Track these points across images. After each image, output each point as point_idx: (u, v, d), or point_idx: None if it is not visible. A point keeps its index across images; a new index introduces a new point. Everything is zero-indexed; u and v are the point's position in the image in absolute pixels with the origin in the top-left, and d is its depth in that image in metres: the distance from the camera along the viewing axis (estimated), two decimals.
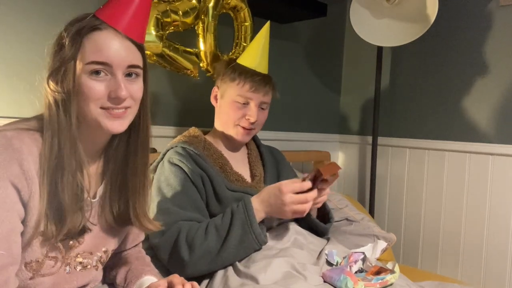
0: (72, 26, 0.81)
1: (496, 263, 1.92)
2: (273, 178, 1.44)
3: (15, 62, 1.35)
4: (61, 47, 0.80)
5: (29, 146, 0.77)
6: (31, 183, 0.77)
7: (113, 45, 0.81)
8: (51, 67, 0.81)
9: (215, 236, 1.16)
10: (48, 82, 0.80)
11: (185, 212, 1.21)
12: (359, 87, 2.43)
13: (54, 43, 0.82)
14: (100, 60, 0.80)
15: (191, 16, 1.48)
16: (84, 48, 0.79)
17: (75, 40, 0.79)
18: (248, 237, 1.15)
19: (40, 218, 0.78)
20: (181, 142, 1.34)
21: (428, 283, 1.32)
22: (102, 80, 0.81)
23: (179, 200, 1.22)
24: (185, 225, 1.18)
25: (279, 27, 2.11)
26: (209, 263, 1.16)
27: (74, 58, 0.79)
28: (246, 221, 1.16)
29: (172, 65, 1.52)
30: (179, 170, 1.26)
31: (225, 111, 1.36)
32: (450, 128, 2.07)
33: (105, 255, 0.95)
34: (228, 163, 1.36)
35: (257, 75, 1.33)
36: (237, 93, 1.32)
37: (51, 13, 1.40)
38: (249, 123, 1.34)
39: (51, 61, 0.81)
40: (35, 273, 0.82)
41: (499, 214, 1.91)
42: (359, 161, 2.44)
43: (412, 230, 2.20)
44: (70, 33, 0.80)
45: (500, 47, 1.92)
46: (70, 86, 0.79)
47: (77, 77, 0.79)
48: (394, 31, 1.85)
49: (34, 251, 0.81)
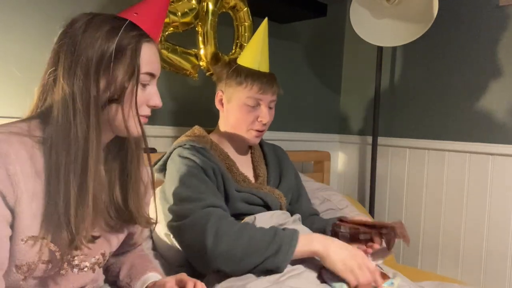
0: (115, 33, 0.81)
1: (496, 263, 1.92)
2: (276, 178, 1.44)
3: (15, 62, 1.35)
4: (109, 55, 0.80)
5: (17, 150, 0.76)
6: (17, 188, 0.75)
7: (158, 58, 0.87)
8: (92, 69, 0.79)
9: (245, 244, 1.10)
10: (89, 83, 0.79)
11: (208, 197, 1.18)
12: (359, 87, 2.43)
13: (88, 47, 0.79)
14: (152, 72, 0.85)
15: (190, 17, 1.48)
16: (140, 58, 0.83)
17: (133, 49, 0.82)
18: (275, 261, 1.08)
19: (33, 223, 0.77)
20: (188, 140, 1.32)
21: (428, 283, 1.32)
22: (145, 89, 0.86)
23: (198, 187, 1.19)
24: (216, 212, 1.14)
25: (279, 27, 2.11)
26: (226, 265, 1.10)
27: (134, 68, 0.81)
28: (287, 251, 1.08)
29: (171, 66, 1.52)
30: (191, 162, 1.24)
31: (234, 115, 1.34)
32: (450, 128, 2.07)
33: (102, 258, 0.94)
34: (235, 164, 1.35)
35: (263, 75, 1.32)
36: (246, 96, 1.31)
37: (51, 13, 1.40)
38: (262, 125, 1.34)
39: (93, 65, 0.79)
40: (27, 275, 0.81)
41: (499, 214, 1.91)
42: (359, 161, 2.44)
43: (412, 230, 2.20)
44: (121, 42, 0.80)
45: (499, 47, 1.92)
46: (120, 92, 0.81)
47: (133, 84, 0.82)
48: (394, 31, 1.85)
49: (27, 255, 0.79)
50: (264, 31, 1.39)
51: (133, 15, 0.85)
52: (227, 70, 1.34)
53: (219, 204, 1.18)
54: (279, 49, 2.13)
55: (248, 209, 1.29)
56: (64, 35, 0.81)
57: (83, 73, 0.78)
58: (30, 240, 0.78)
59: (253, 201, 1.30)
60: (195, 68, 1.57)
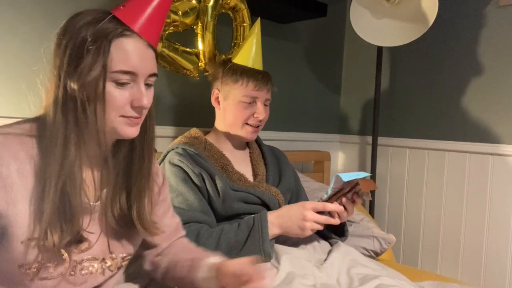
0: (92, 26, 0.76)
1: (496, 263, 1.92)
2: (275, 177, 1.44)
3: (15, 61, 1.35)
4: (82, 49, 0.75)
5: (15, 151, 0.75)
6: (11, 190, 0.74)
7: (140, 54, 0.79)
8: (67, 67, 0.76)
9: (225, 250, 1.16)
10: (66, 82, 0.76)
11: (189, 213, 1.21)
12: (359, 87, 2.43)
13: (70, 41, 0.76)
14: (128, 70, 0.78)
15: (191, 17, 1.49)
16: (111, 54, 0.76)
17: (103, 45, 0.75)
18: (258, 255, 1.13)
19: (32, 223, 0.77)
20: (181, 143, 1.34)
21: (428, 283, 1.32)
22: (125, 88, 0.79)
23: (180, 201, 1.23)
24: (192, 229, 1.18)
25: (279, 27, 2.11)
26: None
27: (103, 64, 0.75)
28: (259, 239, 1.17)
29: (172, 65, 1.52)
30: (180, 170, 1.27)
31: (231, 112, 1.36)
32: (450, 128, 2.07)
33: (114, 262, 0.90)
34: (229, 163, 1.36)
35: (258, 73, 1.36)
36: (243, 93, 1.34)
37: (51, 13, 1.40)
38: (257, 121, 1.37)
39: (67, 61, 0.76)
40: (32, 276, 0.80)
41: (499, 214, 1.91)
42: (359, 161, 2.44)
43: (412, 230, 2.20)
44: (94, 35, 0.75)
45: (500, 47, 1.92)
46: (92, 92, 0.76)
47: (101, 83, 0.76)
48: (394, 31, 1.85)
49: (29, 256, 0.78)
50: (258, 30, 1.43)
51: (119, 9, 0.79)
52: (223, 68, 1.38)
53: (199, 218, 1.22)
54: (279, 49, 2.13)
55: (246, 209, 1.30)
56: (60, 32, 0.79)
57: (62, 69, 0.76)
58: (29, 241, 0.78)
59: (251, 200, 1.31)
60: (196, 67, 1.58)
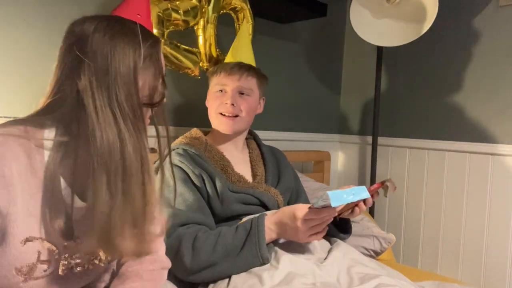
0: (144, 38, 0.80)
1: (496, 263, 1.92)
2: (274, 177, 1.44)
3: (15, 61, 1.35)
4: (146, 56, 0.80)
5: (15, 151, 0.76)
6: (13, 190, 0.75)
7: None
8: (134, 75, 0.78)
9: (222, 254, 1.15)
10: (117, 88, 0.77)
11: (188, 213, 1.21)
12: (359, 87, 2.43)
13: (132, 56, 0.78)
14: (164, 74, 0.85)
15: (192, 15, 1.49)
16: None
17: (156, 52, 0.82)
18: (255, 260, 1.14)
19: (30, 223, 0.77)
20: (182, 143, 1.34)
21: (428, 283, 1.32)
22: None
23: (179, 202, 1.22)
24: (190, 231, 1.17)
25: (279, 27, 2.11)
26: (212, 275, 1.15)
27: (159, 69, 0.82)
28: (255, 244, 1.14)
29: (173, 63, 1.52)
30: (180, 171, 1.26)
31: (208, 104, 1.41)
32: (450, 128, 2.07)
33: (105, 256, 0.92)
34: (229, 164, 1.35)
35: (234, 63, 1.39)
36: (215, 82, 1.39)
37: (51, 12, 1.40)
38: (227, 108, 1.34)
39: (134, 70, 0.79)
40: (27, 277, 0.81)
41: (499, 214, 1.91)
42: (359, 161, 2.44)
43: (412, 230, 2.20)
44: (149, 45, 0.81)
45: (500, 47, 1.92)
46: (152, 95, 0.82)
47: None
48: (394, 31, 1.85)
49: (26, 256, 0.79)
50: (246, 33, 1.51)
51: (136, 17, 0.84)
52: (213, 68, 1.43)
53: (197, 219, 1.21)
54: (279, 49, 2.13)
55: (244, 210, 1.29)
56: (84, 44, 0.76)
57: (124, 85, 0.77)
58: (28, 241, 0.78)
59: (250, 201, 1.31)
60: (197, 66, 1.58)
